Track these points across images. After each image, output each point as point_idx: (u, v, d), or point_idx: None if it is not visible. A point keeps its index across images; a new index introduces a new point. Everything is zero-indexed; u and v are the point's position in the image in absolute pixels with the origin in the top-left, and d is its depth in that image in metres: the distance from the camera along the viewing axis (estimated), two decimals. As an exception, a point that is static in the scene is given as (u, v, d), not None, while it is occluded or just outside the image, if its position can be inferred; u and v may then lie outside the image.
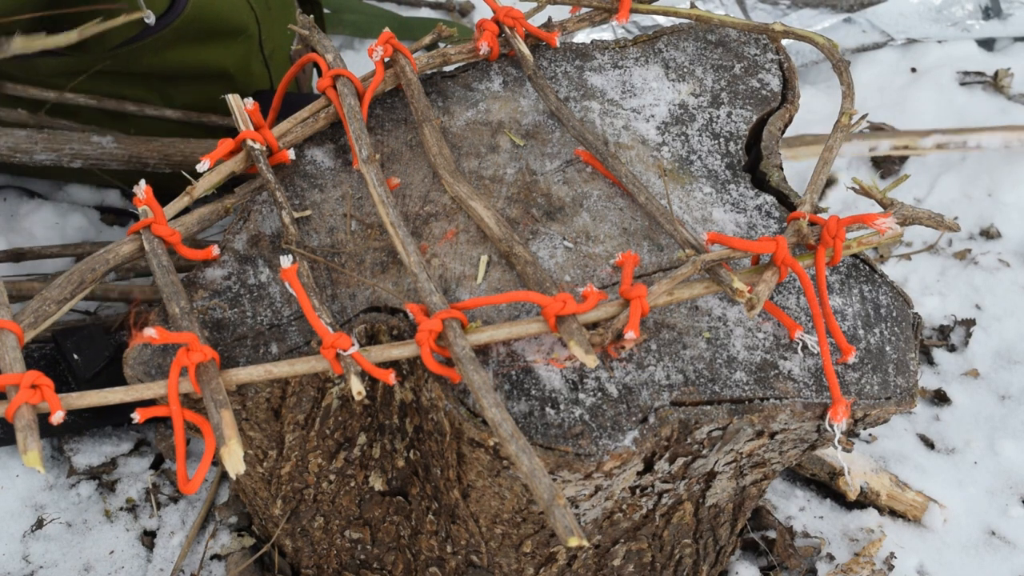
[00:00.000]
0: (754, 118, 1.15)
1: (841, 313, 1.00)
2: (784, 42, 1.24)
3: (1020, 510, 1.46)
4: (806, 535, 1.41)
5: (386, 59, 1.13)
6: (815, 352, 0.97)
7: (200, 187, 1.02)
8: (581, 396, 0.91)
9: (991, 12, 2.27)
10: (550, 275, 0.99)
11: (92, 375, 1.34)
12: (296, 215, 1.02)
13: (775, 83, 1.19)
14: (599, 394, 0.91)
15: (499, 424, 0.83)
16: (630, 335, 0.89)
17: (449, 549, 1.11)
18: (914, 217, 1.04)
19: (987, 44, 2.24)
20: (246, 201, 1.04)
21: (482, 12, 2.28)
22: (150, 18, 1.34)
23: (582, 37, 2.06)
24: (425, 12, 2.27)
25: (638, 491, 1.00)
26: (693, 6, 1.27)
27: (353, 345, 0.88)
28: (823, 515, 1.44)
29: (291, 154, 1.06)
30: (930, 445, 1.54)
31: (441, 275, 0.98)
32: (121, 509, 1.36)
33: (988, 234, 1.86)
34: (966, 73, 2.14)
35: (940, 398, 1.60)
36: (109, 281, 1.49)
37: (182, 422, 0.86)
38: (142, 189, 1.00)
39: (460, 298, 0.96)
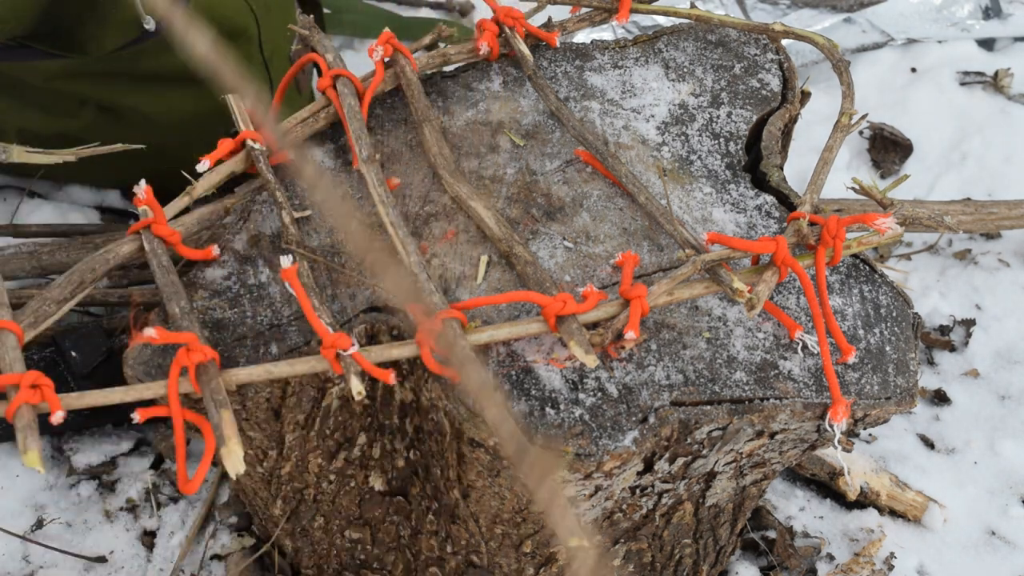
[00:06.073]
0: (754, 118, 1.15)
1: (841, 313, 1.00)
2: (784, 42, 1.24)
3: (1020, 510, 1.46)
4: (806, 535, 1.41)
5: (386, 59, 1.13)
6: (815, 352, 0.96)
7: (200, 187, 1.02)
8: (581, 396, 0.91)
9: (991, 12, 2.27)
10: (550, 275, 0.98)
11: (89, 371, 1.35)
12: (296, 215, 1.02)
13: (775, 83, 1.19)
14: (599, 394, 0.91)
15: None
16: (630, 335, 0.89)
17: (449, 549, 1.11)
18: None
19: (987, 44, 2.24)
20: (246, 201, 1.04)
21: (482, 12, 2.27)
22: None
23: (582, 37, 2.06)
24: (425, 12, 2.27)
25: (638, 491, 1.00)
26: (693, 6, 1.27)
27: (353, 345, 0.87)
28: (823, 515, 1.44)
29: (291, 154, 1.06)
30: (930, 445, 1.54)
31: (441, 275, 0.98)
32: (121, 509, 1.36)
33: (988, 234, 1.86)
34: (966, 73, 2.13)
35: (940, 398, 1.60)
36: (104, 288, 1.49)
37: (182, 422, 0.86)
38: (142, 189, 1.00)
39: (460, 298, 0.96)
